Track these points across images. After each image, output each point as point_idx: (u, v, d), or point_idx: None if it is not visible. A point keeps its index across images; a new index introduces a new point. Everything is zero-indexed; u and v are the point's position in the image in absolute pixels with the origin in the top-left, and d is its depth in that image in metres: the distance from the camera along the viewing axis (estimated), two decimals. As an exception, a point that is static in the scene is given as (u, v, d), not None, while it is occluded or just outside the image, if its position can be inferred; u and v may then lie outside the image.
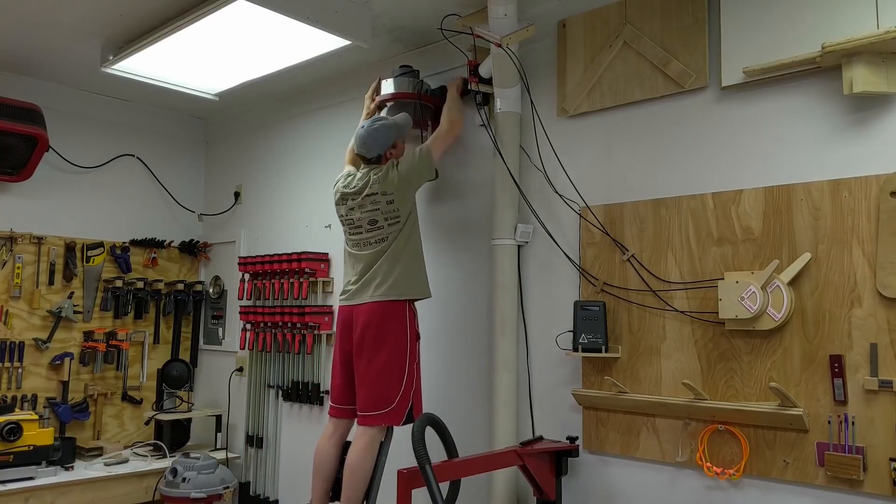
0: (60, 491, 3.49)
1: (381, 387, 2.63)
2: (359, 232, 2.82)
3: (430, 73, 3.37)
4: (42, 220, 4.06)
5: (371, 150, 2.84)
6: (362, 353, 2.68)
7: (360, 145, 2.86)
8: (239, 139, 4.58)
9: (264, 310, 3.95)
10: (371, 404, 2.64)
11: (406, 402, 2.67)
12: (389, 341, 2.65)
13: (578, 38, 2.85)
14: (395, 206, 2.75)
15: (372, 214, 2.77)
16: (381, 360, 2.63)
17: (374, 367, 2.64)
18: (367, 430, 2.65)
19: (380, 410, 2.63)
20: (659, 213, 2.58)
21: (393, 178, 2.77)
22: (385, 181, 2.76)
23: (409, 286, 2.74)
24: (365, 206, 2.78)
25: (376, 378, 2.64)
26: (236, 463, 4.15)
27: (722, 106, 2.47)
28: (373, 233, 2.77)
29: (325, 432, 2.83)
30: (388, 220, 2.76)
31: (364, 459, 2.63)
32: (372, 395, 2.64)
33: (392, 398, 2.64)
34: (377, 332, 2.66)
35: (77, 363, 4.12)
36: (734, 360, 2.36)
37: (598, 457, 2.69)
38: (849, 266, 2.16)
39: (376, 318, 2.68)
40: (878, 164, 2.14)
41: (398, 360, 2.66)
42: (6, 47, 3.58)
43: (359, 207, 2.80)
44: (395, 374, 2.65)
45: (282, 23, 2.98)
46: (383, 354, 2.64)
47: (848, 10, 2.18)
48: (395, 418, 2.66)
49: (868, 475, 2.08)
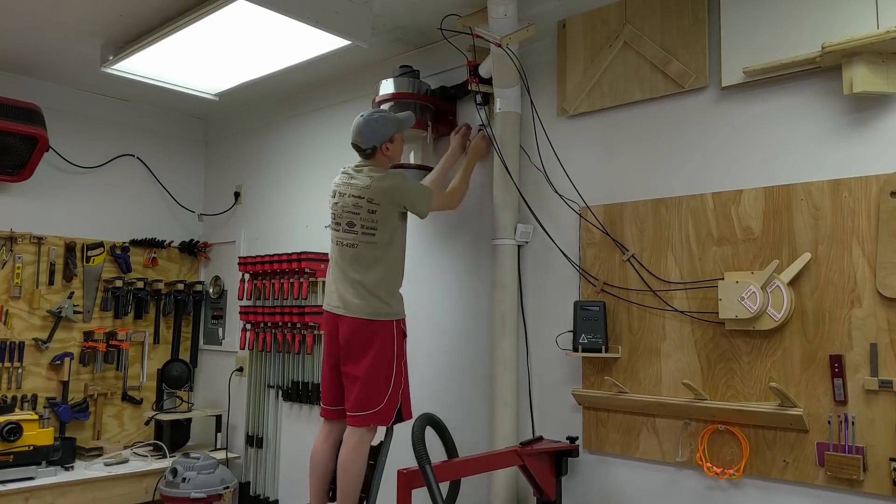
0: (60, 491, 3.49)
1: (370, 387, 2.61)
2: (336, 227, 2.73)
3: (430, 73, 3.37)
4: (42, 220, 4.06)
5: (366, 139, 2.70)
6: (349, 357, 2.65)
7: (355, 133, 2.72)
8: (239, 139, 4.58)
9: (264, 310, 3.95)
10: (360, 405, 2.62)
11: (395, 402, 2.65)
12: (376, 347, 2.62)
13: (578, 38, 2.85)
14: (374, 218, 2.63)
15: (352, 217, 2.66)
16: (369, 362, 2.60)
17: (362, 368, 2.61)
18: (356, 430, 2.63)
19: (368, 411, 2.61)
20: (659, 213, 2.58)
21: (389, 191, 2.63)
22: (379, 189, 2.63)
23: (387, 307, 2.64)
24: (350, 206, 2.67)
25: (364, 379, 2.61)
26: (236, 463, 4.15)
27: (722, 106, 2.47)
28: (349, 234, 2.67)
29: (321, 434, 2.83)
30: (364, 229, 2.64)
31: (354, 459, 2.62)
32: (360, 395, 2.62)
33: (380, 399, 2.61)
34: (361, 345, 2.63)
35: (77, 363, 4.11)
36: (734, 360, 2.35)
37: (598, 457, 2.69)
38: (849, 266, 2.16)
39: (359, 335, 2.63)
40: (878, 164, 2.14)
41: (385, 361, 2.62)
42: (6, 47, 3.58)
43: (345, 204, 2.69)
44: (383, 375, 2.62)
45: (282, 23, 2.98)
46: (370, 357, 2.61)
47: (848, 10, 2.18)
48: (383, 418, 2.63)
49: (868, 475, 2.08)
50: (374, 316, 2.62)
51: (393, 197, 2.65)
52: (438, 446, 2.67)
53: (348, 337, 2.64)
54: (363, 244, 2.65)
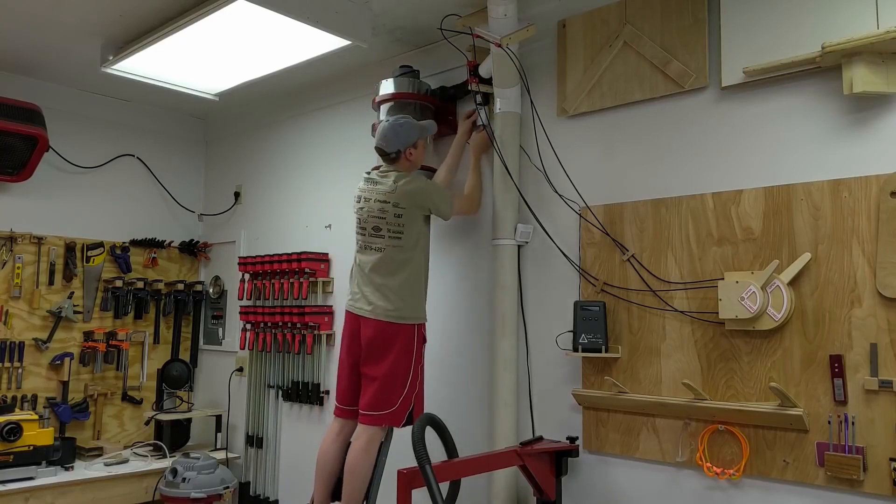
0: (60, 491, 3.49)
1: (386, 388, 2.64)
2: (362, 229, 2.78)
3: (430, 73, 3.37)
4: (42, 220, 4.06)
5: (391, 144, 2.74)
6: (369, 358, 2.69)
7: (380, 137, 2.77)
8: (239, 139, 4.58)
9: (264, 310, 3.95)
10: (374, 405, 2.65)
11: (408, 404, 2.69)
12: (396, 350, 2.66)
13: (578, 38, 2.85)
14: (401, 222, 2.68)
15: (379, 221, 2.71)
16: (388, 364, 2.65)
17: (381, 370, 2.65)
18: (367, 429, 2.65)
19: (382, 411, 2.64)
20: (659, 213, 2.58)
21: (413, 195, 2.68)
22: (403, 193, 2.68)
23: (411, 310, 2.69)
24: (376, 211, 2.71)
25: (382, 380, 2.64)
26: (236, 463, 4.15)
27: (722, 106, 2.47)
28: (376, 239, 2.72)
29: (331, 432, 2.83)
30: (391, 233, 2.70)
31: (363, 459, 2.64)
32: (376, 395, 2.64)
33: (395, 400, 2.65)
34: (383, 346, 2.67)
35: (77, 363, 4.11)
36: (734, 361, 2.35)
37: (598, 457, 2.69)
38: (849, 266, 2.16)
39: (381, 337, 2.67)
40: (878, 164, 2.14)
41: (404, 364, 2.67)
42: (6, 47, 3.58)
43: (371, 209, 2.73)
44: (400, 377, 2.66)
45: (282, 23, 2.98)
46: (390, 359, 2.65)
47: (848, 10, 2.18)
48: (396, 419, 2.67)
49: (868, 475, 2.08)
50: (398, 319, 2.66)
51: (418, 200, 2.70)
52: (438, 446, 2.67)
53: (371, 337, 2.68)
54: (390, 248, 2.70)
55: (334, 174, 3.86)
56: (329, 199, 3.87)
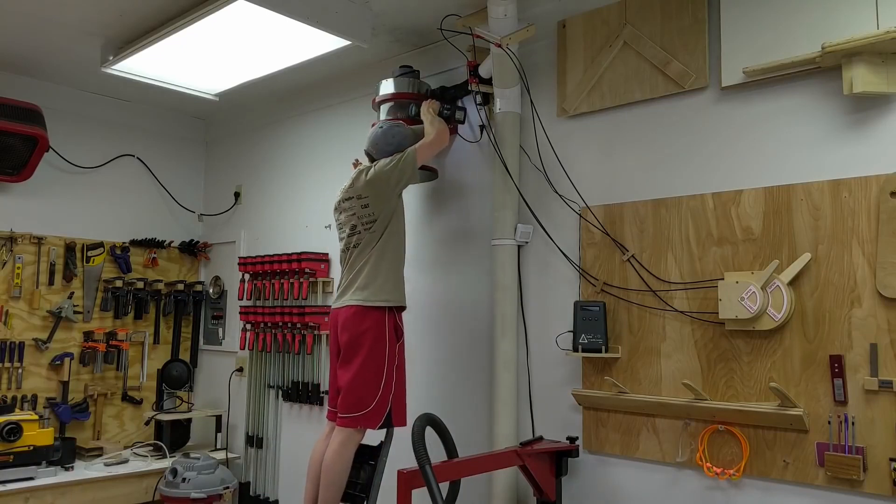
0: (60, 491, 3.49)
1: (358, 389, 2.61)
2: (342, 235, 2.84)
3: (430, 73, 3.37)
4: (42, 220, 4.06)
5: (380, 150, 2.80)
6: (344, 357, 2.68)
7: (371, 143, 2.81)
8: (239, 139, 4.58)
9: (264, 310, 3.95)
10: (347, 406, 2.63)
11: (384, 406, 2.64)
12: (366, 345, 2.63)
13: (578, 38, 2.85)
14: (370, 211, 2.71)
15: (351, 219, 2.76)
16: (358, 363, 2.62)
17: (352, 370, 2.63)
18: (342, 431, 2.63)
19: (356, 413, 2.61)
20: (659, 214, 2.58)
21: (372, 179, 2.72)
22: (362, 183, 2.73)
23: (379, 293, 2.68)
24: (347, 210, 2.79)
25: (353, 380, 2.62)
26: (236, 463, 4.15)
27: (722, 106, 2.47)
28: (353, 237, 2.76)
29: (323, 434, 2.83)
30: (364, 224, 2.73)
31: (336, 461, 2.61)
32: (349, 397, 2.62)
33: (369, 402, 2.61)
34: (352, 336, 2.65)
35: (77, 363, 4.11)
36: (734, 361, 2.35)
37: (598, 457, 2.69)
38: (849, 266, 2.16)
39: (351, 322, 2.66)
40: (878, 165, 2.14)
41: (375, 363, 2.63)
42: (6, 47, 3.58)
43: (342, 211, 2.82)
44: (372, 378, 2.62)
45: (282, 23, 2.98)
46: (360, 357, 2.62)
47: (848, 10, 2.18)
48: (371, 421, 2.62)
49: (868, 475, 2.08)
50: (363, 301, 2.66)
51: (376, 186, 2.72)
52: (438, 446, 2.67)
53: (343, 327, 2.69)
54: (366, 238, 2.73)
55: (334, 174, 3.86)
56: (329, 199, 3.87)
